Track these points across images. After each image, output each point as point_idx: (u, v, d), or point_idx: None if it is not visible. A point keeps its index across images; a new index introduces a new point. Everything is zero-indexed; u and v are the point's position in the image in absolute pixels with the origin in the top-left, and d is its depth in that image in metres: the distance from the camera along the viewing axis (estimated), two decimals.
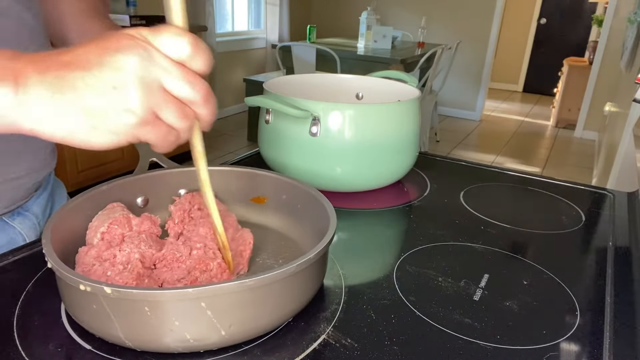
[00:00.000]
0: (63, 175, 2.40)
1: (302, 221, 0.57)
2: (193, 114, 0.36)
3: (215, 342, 0.40)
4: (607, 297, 0.52)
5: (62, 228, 0.46)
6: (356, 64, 3.37)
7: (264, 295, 0.40)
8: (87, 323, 0.41)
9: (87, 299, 0.38)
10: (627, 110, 1.87)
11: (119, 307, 0.38)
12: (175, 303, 0.37)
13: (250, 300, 0.40)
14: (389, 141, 0.71)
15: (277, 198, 0.60)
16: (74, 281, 0.37)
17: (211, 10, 3.90)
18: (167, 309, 0.37)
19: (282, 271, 0.39)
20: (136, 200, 0.58)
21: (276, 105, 0.67)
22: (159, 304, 0.37)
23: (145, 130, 0.35)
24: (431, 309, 0.49)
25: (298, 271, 0.41)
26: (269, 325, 0.43)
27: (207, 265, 0.46)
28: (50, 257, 0.39)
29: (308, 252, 0.42)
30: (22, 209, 0.63)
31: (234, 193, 0.61)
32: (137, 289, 0.39)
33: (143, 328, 0.38)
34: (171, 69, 0.34)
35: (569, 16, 6.15)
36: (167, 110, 0.34)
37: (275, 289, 0.41)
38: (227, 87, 4.45)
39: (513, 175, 0.87)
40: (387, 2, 4.95)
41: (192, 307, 0.37)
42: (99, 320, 0.39)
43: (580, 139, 4.45)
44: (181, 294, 0.37)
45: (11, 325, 0.43)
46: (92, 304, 0.38)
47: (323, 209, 0.51)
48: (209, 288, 0.37)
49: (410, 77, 0.85)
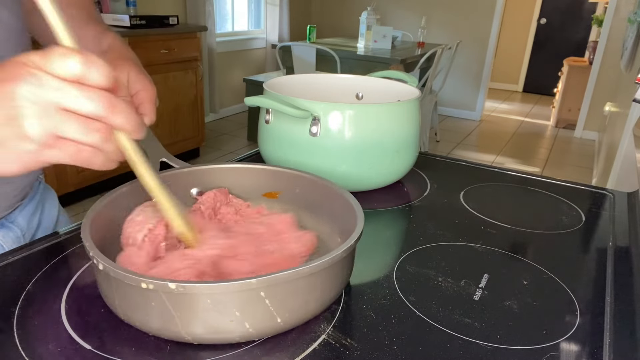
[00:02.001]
0: (63, 175, 2.40)
1: (318, 214, 0.59)
2: (103, 127, 0.36)
3: (270, 331, 0.42)
4: (607, 297, 0.52)
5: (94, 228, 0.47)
6: (356, 64, 3.37)
7: (316, 281, 0.43)
8: (142, 322, 0.42)
9: (148, 297, 0.39)
10: (627, 110, 1.87)
11: (181, 302, 0.39)
12: (236, 294, 0.39)
13: (303, 287, 0.42)
14: (389, 141, 0.71)
15: (290, 192, 0.61)
16: (134, 280, 0.38)
17: (211, 10, 3.90)
18: (229, 301, 0.39)
19: (329, 258, 0.41)
20: (152, 200, 0.58)
21: (276, 105, 0.67)
22: (221, 296, 0.39)
23: (52, 153, 0.35)
24: (431, 309, 0.49)
25: (344, 257, 0.43)
26: (316, 310, 0.45)
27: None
28: (99, 258, 0.40)
29: (348, 239, 0.44)
30: (6, 220, 0.61)
31: (246, 189, 0.63)
32: (200, 282, 0.41)
33: (204, 321, 0.40)
34: (65, 88, 0.34)
35: (569, 16, 6.15)
36: (68, 129, 0.34)
37: (325, 274, 0.43)
38: (227, 87, 4.45)
39: (513, 175, 0.87)
40: (387, 2, 4.95)
41: (252, 297, 0.39)
42: (157, 317, 0.40)
43: (580, 139, 4.45)
44: (243, 285, 0.38)
45: (11, 325, 0.43)
46: (151, 302, 0.39)
47: (343, 200, 0.53)
48: (269, 277, 0.39)
49: (410, 77, 0.85)
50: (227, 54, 4.34)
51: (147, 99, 0.51)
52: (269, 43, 4.73)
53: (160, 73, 2.83)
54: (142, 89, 0.51)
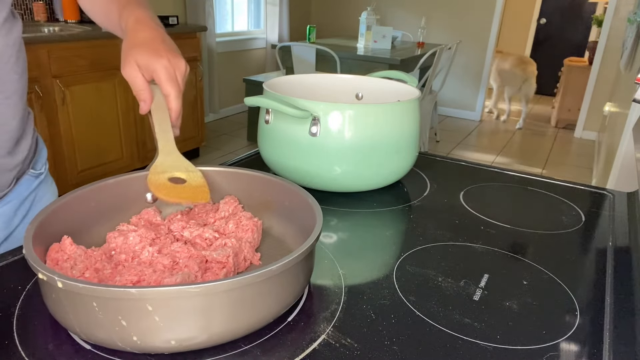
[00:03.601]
0: (63, 175, 2.40)
1: (289, 220, 0.57)
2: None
3: (202, 342, 0.40)
4: (607, 297, 0.52)
5: (60, 219, 0.47)
6: (356, 64, 3.37)
7: (251, 294, 0.40)
8: (72, 326, 0.40)
9: (47, 288, 0.39)
10: (627, 111, 1.87)
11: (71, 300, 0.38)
12: (162, 301, 0.37)
13: (238, 299, 0.39)
14: (388, 141, 0.71)
15: (280, 204, 0.59)
16: (34, 269, 0.38)
17: (211, 10, 3.90)
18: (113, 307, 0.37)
19: (266, 270, 0.39)
20: (146, 195, 0.58)
21: (276, 105, 0.67)
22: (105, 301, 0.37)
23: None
24: (431, 309, 0.49)
25: (283, 270, 0.41)
26: (256, 324, 0.42)
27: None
28: (25, 246, 0.40)
29: (293, 252, 0.42)
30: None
31: (243, 197, 0.61)
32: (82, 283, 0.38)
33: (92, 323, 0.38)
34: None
35: (569, 16, 6.15)
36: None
37: (262, 287, 0.40)
38: (227, 87, 4.44)
39: (513, 175, 0.87)
40: (387, 2, 4.94)
41: (180, 306, 0.37)
42: (86, 321, 0.39)
43: (580, 139, 4.45)
44: (124, 293, 0.36)
45: (11, 325, 0.43)
46: (52, 294, 0.39)
47: (309, 207, 0.51)
48: (201, 287, 0.37)
49: (410, 77, 0.85)
50: (227, 54, 4.34)
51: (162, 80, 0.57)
52: (269, 43, 4.72)
53: None
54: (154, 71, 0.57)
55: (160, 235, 0.51)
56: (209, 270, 0.47)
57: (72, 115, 2.36)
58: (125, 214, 0.56)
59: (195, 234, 0.52)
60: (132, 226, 0.52)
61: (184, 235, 0.52)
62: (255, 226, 0.55)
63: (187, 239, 0.52)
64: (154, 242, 0.50)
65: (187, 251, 0.48)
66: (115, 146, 2.61)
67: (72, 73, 2.31)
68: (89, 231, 0.52)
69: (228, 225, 0.54)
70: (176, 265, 0.47)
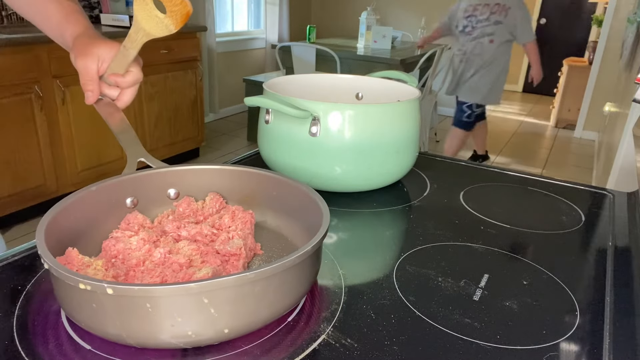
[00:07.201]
0: (63, 175, 2.40)
1: (294, 218, 0.57)
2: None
3: (214, 337, 0.40)
4: (607, 297, 0.52)
5: (54, 229, 0.46)
6: (356, 64, 3.37)
7: (263, 289, 0.41)
8: (85, 322, 0.41)
9: (86, 298, 0.38)
10: (627, 111, 1.87)
11: (120, 304, 0.38)
12: (175, 298, 0.37)
13: (250, 293, 0.40)
14: (388, 141, 0.71)
15: (267, 195, 0.60)
16: (73, 280, 0.37)
17: (211, 10, 3.90)
18: (168, 305, 0.38)
19: (280, 264, 0.40)
20: (126, 200, 0.57)
21: (276, 105, 0.67)
22: (160, 299, 0.37)
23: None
24: (431, 309, 0.49)
25: (296, 263, 0.41)
26: (267, 319, 0.43)
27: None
28: (46, 258, 0.39)
29: (304, 246, 0.43)
30: None
31: (227, 192, 0.62)
32: (138, 285, 0.39)
33: (143, 325, 0.38)
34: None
35: (569, 16, 6.15)
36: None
37: (274, 281, 0.41)
38: (227, 87, 4.44)
39: (513, 175, 0.87)
40: (387, 2, 4.94)
41: (194, 302, 0.38)
42: (97, 319, 0.39)
43: (580, 139, 4.45)
44: (183, 289, 0.37)
45: (11, 325, 0.43)
46: (92, 303, 0.38)
47: (315, 205, 0.52)
48: (211, 282, 0.37)
49: (410, 77, 0.85)
50: (227, 54, 4.34)
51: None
52: (269, 43, 4.72)
53: (160, 73, 2.83)
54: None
55: (158, 237, 0.52)
56: (227, 263, 0.48)
57: (72, 115, 2.36)
58: (106, 223, 0.54)
59: (194, 231, 0.52)
60: (129, 232, 0.51)
61: (182, 235, 0.52)
62: (251, 218, 0.56)
63: (186, 238, 0.52)
64: (157, 244, 0.50)
65: (197, 248, 0.49)
66: (115, 146, 2.61)
67: (72, 73, 2.30)
68: (76, 245, 0.49)
69: (223, 220, 0.55)
70: (192, 263, 0.47)
